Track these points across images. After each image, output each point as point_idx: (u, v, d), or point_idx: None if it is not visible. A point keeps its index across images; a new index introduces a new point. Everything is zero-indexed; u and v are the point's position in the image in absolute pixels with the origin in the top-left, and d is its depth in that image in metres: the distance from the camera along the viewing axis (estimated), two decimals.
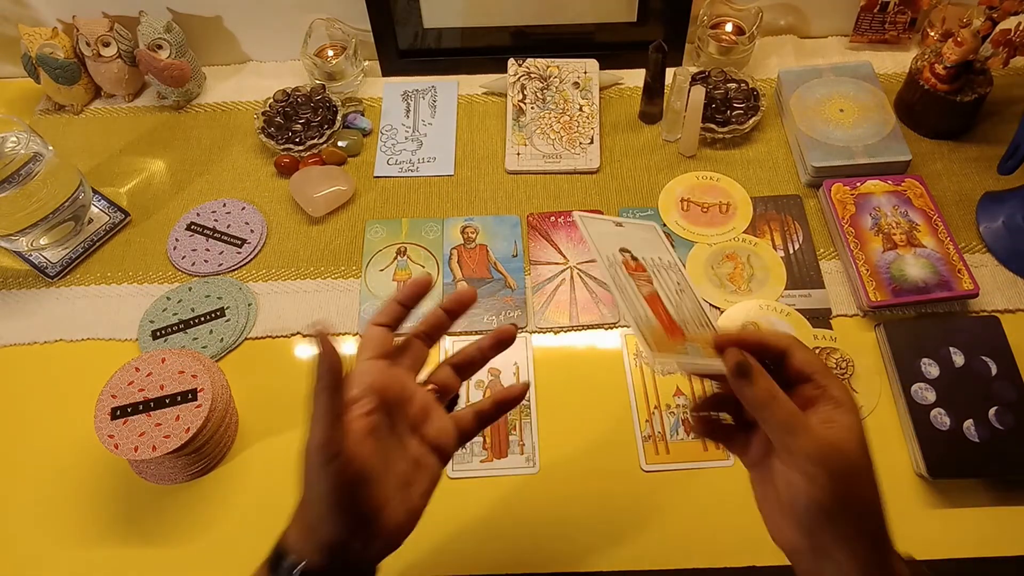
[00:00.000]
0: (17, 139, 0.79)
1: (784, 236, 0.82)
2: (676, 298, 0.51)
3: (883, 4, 0.93)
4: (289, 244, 0.85)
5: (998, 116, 0.90)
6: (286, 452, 0.71)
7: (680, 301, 0.51)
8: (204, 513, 0.68)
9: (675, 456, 0.69)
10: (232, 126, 0.96)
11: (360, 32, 0.97)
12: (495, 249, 0.83)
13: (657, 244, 0.54)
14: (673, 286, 0.52)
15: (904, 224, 0.79)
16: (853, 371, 0.72)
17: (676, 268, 0.53)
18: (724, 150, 0.90)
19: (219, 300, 0.80)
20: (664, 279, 0.52)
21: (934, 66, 0.85)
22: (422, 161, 0.91)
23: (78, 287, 0.83)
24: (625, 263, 0.51)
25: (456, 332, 0.77)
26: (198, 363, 0.68)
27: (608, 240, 0.52)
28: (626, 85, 0.97)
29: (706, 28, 0.95)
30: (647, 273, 0.51)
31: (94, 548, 0.67)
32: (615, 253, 0.51)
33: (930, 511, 0.66)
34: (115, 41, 0.93)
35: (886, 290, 0.75)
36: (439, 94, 0.98)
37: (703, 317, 0.51)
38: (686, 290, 0.52)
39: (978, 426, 0.66)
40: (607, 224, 0.54)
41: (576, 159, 0.89)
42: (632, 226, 0.54)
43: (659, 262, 0.52)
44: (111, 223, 0.87)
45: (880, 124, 0.86)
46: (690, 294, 0.52)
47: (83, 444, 0.70)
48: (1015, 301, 0.77)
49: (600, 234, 0.52)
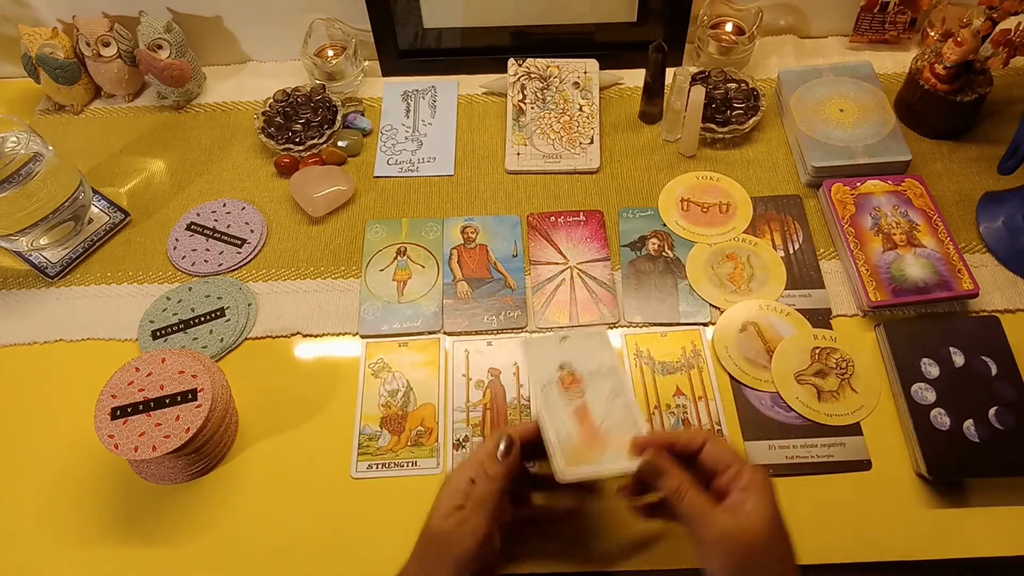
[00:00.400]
0: (17, 139, 0.79)
1: (784, 236, 0.82)
2: (606, 406, 0.57)
3: (883, 4, 0.93)
4: (289, 244, 0.85)
5: (998, 116, 0.90)
6: (286, 452, 0.71)
7: (610, 407, 0.57)
8: (204, 513, 0.68)
9: None
10: (232, 126, 0.96)
11: (360, 32, 0.97)
12: (495, 249, 0.83)
13: (602, 350, 0.60)
14: (607, 393, 0.58)
15: (904, 224, 0.79)
16: (853, 371, 0.72)
17: (614, 372, 0.59)
18: (724, 150, 0.90)
19: (219, 300, 0.80)
20: (599, 387, 0.58)
21: (934, 66, 0.85)
22: (422, 161, 0.91)
23: (78, 287, 0.83)
24: (561, 380, 0.58)
25: (456, 332, 0.77)
26: (198, 363, 0.68)
27: (548, 359, 0.59)
28: (626, 85, 0.97)
29: (706, 28, 0.95)
30: (580, 386, 0.58)
31: (94, 548, 0.67)
32: (552, 373, 0.59)
33: (930, 511, 0.66)
34: (115, 41, 0.93)
35: (886, 290, 0.75)
36: (439, 94, 0.98)
37: (632, 418, 0.57)
38: (621, 393, 0.58)
39: (978, 426, 0.66)
40: (550, 343, 0.60)
41: (576, 159, 0.89)
42: (578, 337, 0.61)
43: (598, 369, 0.59)
44: (111, 223, 0.87)
45: (880, 124, 0.86)
46: (624, 397, 0.58)
47: (83, 444, 0.70)
48: (1015, 301, 0.77)
49: (540, 359, 0.59)
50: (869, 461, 0.68)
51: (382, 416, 0.72)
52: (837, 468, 0.68)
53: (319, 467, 0.70)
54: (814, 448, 0.69)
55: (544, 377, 0.58)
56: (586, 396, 0.57)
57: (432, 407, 0.73)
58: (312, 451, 0.71)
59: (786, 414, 0.71)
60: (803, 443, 0.69)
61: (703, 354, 0.75)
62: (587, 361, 0.59)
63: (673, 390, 0.73)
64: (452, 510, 0.53)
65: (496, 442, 0.55)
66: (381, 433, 0.71)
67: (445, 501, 0.54)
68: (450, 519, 0.52)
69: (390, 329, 0.78)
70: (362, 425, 0.72)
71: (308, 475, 0.70)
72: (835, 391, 0.71)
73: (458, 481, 0.54)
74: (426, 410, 0.73)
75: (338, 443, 0.71)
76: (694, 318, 0.77)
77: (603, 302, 0.79)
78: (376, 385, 0.74)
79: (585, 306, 0.78)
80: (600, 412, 0.57)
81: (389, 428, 0.72)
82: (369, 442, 0.71)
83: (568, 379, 0.58)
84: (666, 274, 0.80)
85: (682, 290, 0.79)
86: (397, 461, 0.70)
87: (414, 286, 0.81)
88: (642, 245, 0.83)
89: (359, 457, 0.70)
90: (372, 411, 0.73)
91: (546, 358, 0.59)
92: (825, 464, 0.68)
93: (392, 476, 0.69)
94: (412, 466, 0.70)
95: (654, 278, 0.80)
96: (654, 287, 0.79)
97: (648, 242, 0.83)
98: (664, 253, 0.82)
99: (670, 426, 0.71)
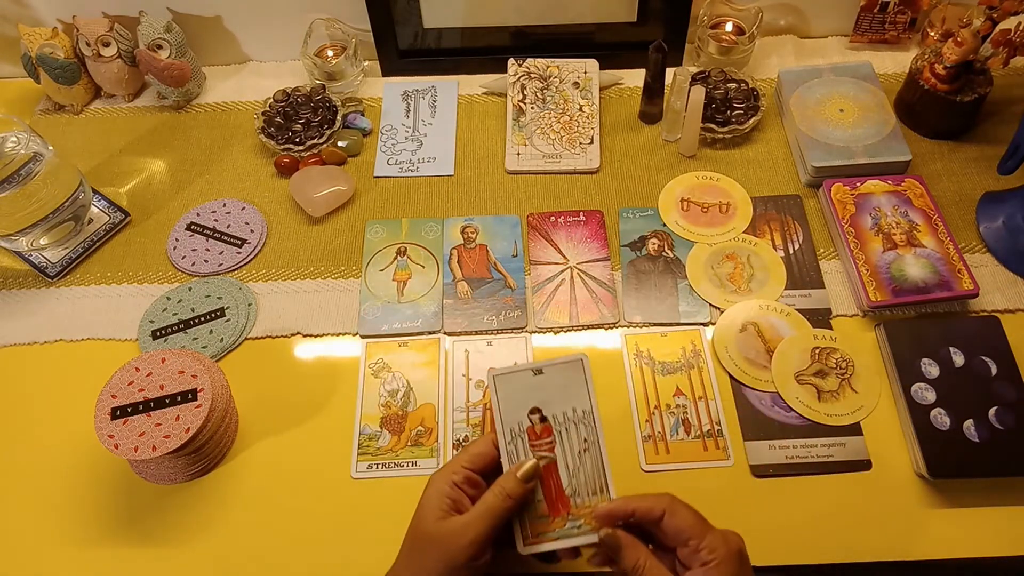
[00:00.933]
0: (17, 139, 0.79)
1: (784, 236, 0.82)
2: (576, 461, 0.54)
3: (883, 4, 0.93)
4: (289, 244, 0.85)
5: (998, 116, 0.90)
6: (286, 452, 0.71)
7: (580, 463, 0.54)
8: (204, 513, 0.68)
9: (675, 456, 0.69)
10: (232, 126, 0.96)
11: (360, 32, 0.97)
12: (495, 249, 0.83)
13: (577, 387, 0.55)
14: (578, 445, 0.55)
15: (904, 224, 0.79)
16: (853, 371, 0.72)
17: (589, 418, 0.55)
18: (724, 150, 0.90)
19: (219, 300, 0.80)
20: (570, 438, 0.55)
21: (934, 66, 0.85)
22: (422, 161, 0.91)
23: (78, 287, 0.83)
24: (530, 431, 0.55)
25: (456, 332, 0.77)
26: (198, 363, 0.68)
27: (519, 400, 0.55)
28: (626, 85, 0.97)
29: (706, 28, 0.95)
30: (551, 438, 0.54)
31: (94, 548, 0.67)
32: (522, 420, 0.55)
33: (930, 511, 0.66)
34: (115, 41, 0.93)
35: (886, 290, 0.75)
36: (439, 94, 0.98)
37: (600, 479, 0.54)
38: (591, 447, 0.55)
39: (978, 426, 0.66)
40: (523, 376, 0.56)
41: (576, 159, 0.89)
42: (553, 369, 0.56)
43: (572, 415, 0.55)
44: (111, 223, 0.87)
45: (880, 124, 0.86)
46: (595, 451, 0.55)
47: (83, 444, 0.70)
48: (1015, 301, 0.77)
49: (511, 395, 0.55)
50: (869, 461, 0.68)
51: (382, 416, 0.72)
52: (837, 468, 0.68)
53: (319, 467, 0.70)
54: (814, 448, 0.69)
55: (513, 421, 0.55)
56: (556, 451, 0.54)
57: (432, 407, 0.73)
58: (312, 451, 0.71)
59: (786, 414, 0.71)
60: (803, 443, 0.69)
61: (703, 354, 0.75)
62: (561, 401, 0.55)
63: (673, 390, 0.73)
64: (445, 512, 0.52)
65: (526, 468, 0.54)
66: (381, 433, 0.71)
67: (433, 503, 0.53)
68: (452, 522, 0.52)
69: (390, 329, 0.78)
70: (362, 425, 0.72)
71: (308, 475, 0.70)
72: (835, 391, 0.71)
73: (442, 482, 0.54)
74: (426, 410, 0.73)
75: (338, 443, 0.71)
76: (694, 318, 0.77)
77: (603, 302, 0.79)
78: (376, 385, 0.74)
79: (585, 306, 0.78)
80: (568, 471, 0.54)
81: (389, 428, 0.72)
82: (369, 442, 0.71)
83: (539, 427, 0.55)
84: (666, 274, 0.80)
85: (682, 290, 0.79)
86: (397, 461, 0.70)
87: (414, 286, 0.81)
88: (642, 245, 0.83)
89: (359, 457, 0.70)
90: (372, 411, 0.73)
91: (518, 396, 0.55)
92: (825, 464, 0.68)
93: (392, 476, 0.69)
94: (412, 466, 0.70)
95: (654, 278, 0.80)
96: (654, 287, 0.79)
97: (648, 242, 0.83)
98: (664, 253, 0.82)
99: (670, 426, 0.71)
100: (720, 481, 0.68)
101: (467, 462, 0.55)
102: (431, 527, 0.53)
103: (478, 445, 0.56)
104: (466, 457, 0.55)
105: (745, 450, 0.69)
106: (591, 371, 0.56)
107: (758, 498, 0.67)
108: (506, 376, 0.56)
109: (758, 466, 0.68)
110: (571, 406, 0.55)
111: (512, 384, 0.56)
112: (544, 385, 0.55)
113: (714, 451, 0.69)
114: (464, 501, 0.54)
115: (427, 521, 0.53)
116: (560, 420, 0.55)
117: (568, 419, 0.55)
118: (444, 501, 0.53)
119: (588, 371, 0.56)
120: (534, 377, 0.56)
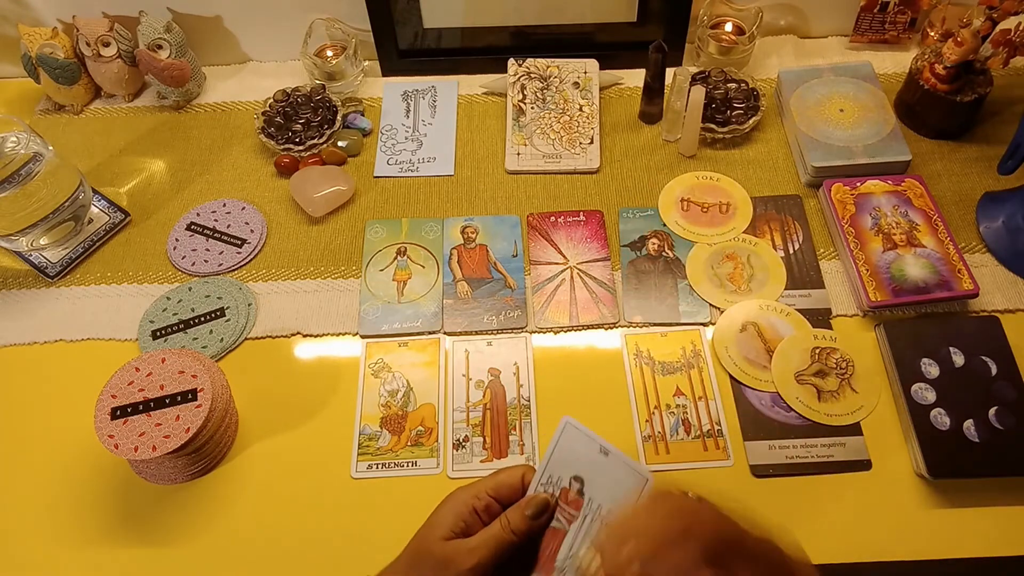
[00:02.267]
0: (17, 139, 0.79)
1: (784, 236, 0.82)
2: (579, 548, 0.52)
3: (883, 4, 0.93)
4: (289, 244, 0.85)
5: (998, 116, 0.90)
6: (286, 452, 0.71)
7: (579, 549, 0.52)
8: (204, 513, 0.68)
9: (675, 456, 0.69)
10: (232, 126, 0.96)
11: (360, 32, 0.97)
12: (495, 249, 0.83)
13: (619, 492, 0.53)
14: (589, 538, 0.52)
15: (904, 224, 0.79)
16: (853, 371, 0.72)
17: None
18: (724, 150, 0.90)
19: (219, 300, 0.80)
20: (589, 527, 0.53)
21: (934, 66, 0.85)
22: (422, 161, 0.91)
23: (78, 287, 0.83)
24: (564, 491, 0.53)
25: (456, 332, 0.77)
26: (198, 363, 0.68)
27: (573, 461, 0.53)
28: (626, 85, 0.97)
29: (706, 28, 0.95)
30: (577, 513, 0.53)
31: (94, 548, 0.67)
32: (564, 478, 0.53)
33: (930, 511, 0.66)
34: (115, 41, 0.93)
35: (886, 290, 0.75)
36: (439, 94, 0.98)
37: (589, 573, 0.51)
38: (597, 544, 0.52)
39: (978, 426, 0.66)
40: (590, 444, 0.54)
41: (576, 159, 0.89)
42: (619, 462, 0.53)
43: (602, 511, 0.53)
44: (111, 223, 0.87)
45: (880, 124, 0.86)
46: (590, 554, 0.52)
47: (83, 444, 0.70)
48: (1015, 301, 0.77)
49: (569, 451, 0.53)
50: (869, 461, 0.68)
51: (382, 416, 0.72)
52: (837, 468, 0.68)
53: (319, 467, 0.70)
54: (814, 448, 0.69)
55: (556, 473, 0.53)
56: (572, 526, 0.53)
57: (432, 407, 0.73)
58: (312, 451, 0.71)
59: (786, 414, 0.71)
60: (803, 443, 0.69)
61: (703, 354, 0.75)
62: (603, 492, 0.53)
63: (673, 390, 0.73)
64: (455, 534, 0.52)
65: (535, 506, 0.53)
66: (381, 433, 0.71)
67: (447, 520, 0.52)
68: (457, 545, 0.51)
69: (390, 329, 0.78)
70: (362, 425, 0.72)
71: (308, 475, 0.70)
72: (835, 391, 0.71)
73: (462, 504, 0.53)
74: (426, 410, 0.73)
75: (338, 443, 0.71)
76: (694, 318, 0.77)
77: (603, 302, 0.79)
78: (376, 385, 0.74)
79: (585, 306, 0.78)
80: (568, 550, 0.53)
81: (389, 428, 0.72)
82: (369, 442, 0.71)
83: (572, 497, 0.53)
84: (666, 274, 0.80)
85: (682, 290, 0.79)
86: (397, 461, 0.70)
87: (414, 286, 0.81)
88: (642, 245, 0.83)
89: (359, 457, 0.70)
90: (372, 411, 0.73)
91: (574, 457, 0.53)
92: (825, 464, 0.68)
93: (392, 476, 0.69)
94: (412, 466, 0.70)
95: (654, 278, 0.80)
96: (654, 287, 0.79)
97: (648, 242, 0.83)
98: (664, 253, 0.82)
99: (670, 426, 0.71)
100: (720, 481, 0.68)
101: (492, 490, 0.54)
102: (436, 546, 0.51)
103: (508, 475, 0.54)
104: (492, 484, 0.54)
105: (745, 450, 0.69)
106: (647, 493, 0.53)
107: (758, 498, 0.67)
108: (576, 433, 0.54)
109: (758, 466, 0.68)
110: (608, 502, 0.53)
111: (576, 443, 0.54)
112: (601, 468, 0.54)
113: (714, 451, 0.69)
114: (476, 527, 0.53)
115: (434, 537, 0.52)
116: (592, 507, 0.53)
117: (597, 512, 0.53)
118: (458, 523, 0.52)
119: (645, 492, 0.53)
120: (598, 454, 0.54)
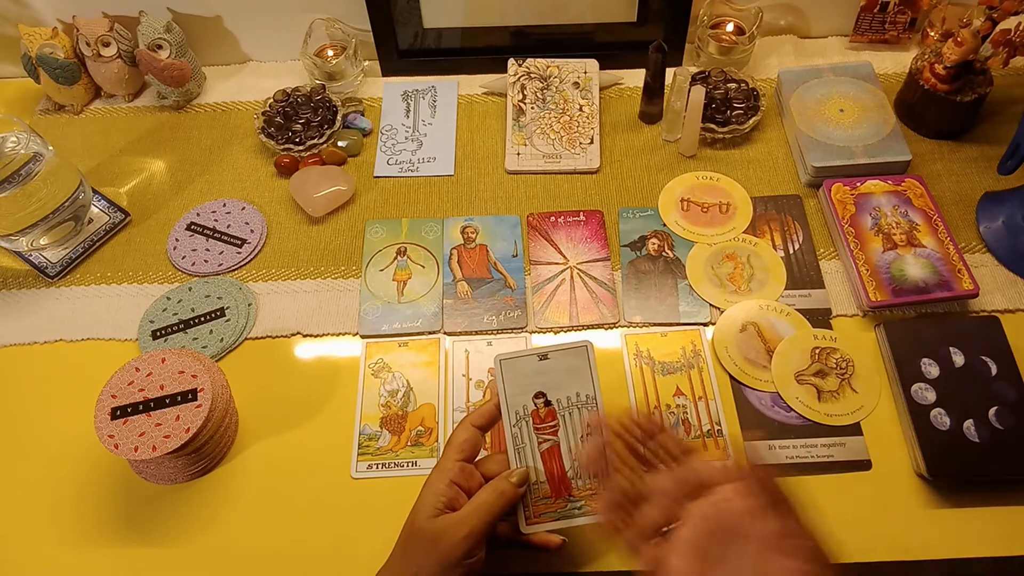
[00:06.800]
0: (17, 139, 0.79)
1: (784, 236, 0.82)
2: (578, 445, 0.56)
3: (883, 4, 0.93)
4: (289, 244, 0.85)
5: (998, 116, 0.90)
6: (286, 452, 0.71)
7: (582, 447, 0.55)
8: (204, 513, 0.68)
9: None
10: (232, 126, 0.96)
11: (360, 32, 0.97)
12: (495, 249, 0.83)
13: (582, 373, 0.57)
14: (581, 429, 0.56)
15: (904, 224, 0.79)
16: (853, 371, 0.72)
17: (592, 403, 0.56)
18: (724, 150, 0.90)
19: (219, 300, 0.80)
20: (573, 422, 0.56)
21: (934, 66, 0.85)
22: (422, 161, 0.91)
23: (78, 287, 0.83)
24: (534, 414, 0.56)
25: (456, 332, 0.77)
26: (198, 363, 0.68)
27: (525, 384, 0.56)
28: (626, 85, 0.97)
29: (706, 28, 0.95)
30: (555, 422, 0.56)
31: (94, 548, 0.67)
32: (527, 403, 0.56)
33: (930, 511, 0.66)
34: (115, 41, 0.93)
35: (886, 290, 0.75)
36: (439, 94, 0.98)
37: (601, 462, 0.54)
38: (594, 430, 0.55)
39: (978, 426, 0.66)
40: (529, 361, 0.57)
41: (576, 159, 0.89)
42: (559, 354, 0.57)
43: (576, 399, 0.56)
44: (111, 223, 0.87)
45: (880, 124, 0.86)
46: (597, 435, 0.55)
47: (83, 444, 0.70)
48: (1015, 301, 0.77)
49: (517, 379, 0.56)
50: (869, 461, 0.68)
51: (382, 416, 0.72)
52: (837, 468, 0.68)
53: (319, 467, 0.70)
54: (814, 448, 0.69)
55: (518, 405, 0.56)
56: (559, 434, 0.56)
57: (432, 407, 0.73)
58: (312, 451, 0.71)
59: (786, 414, 0.71)
60: (803, 443, 0.69)
61: (703, 354, 0.75)
62: (566, 386, 0.56)
63: (673, 390, 0.73)
64: (439, 510, 0.53)
65: (518, 475, 0.55)
66: (381, 433, 0.72)
67: (428, 500, 0.54)
68: (445, 519, 0.53)
69: (390, 329, 0.78)
70: (362, 425, 0.72)
71: (308, 475, 0.70)
72: (835, 391, 0.71)
73: (436, 480, 0.55)
74: (426, 410, 0.73)
75: (338, 443, 0.71)
76: (694, 318, 0.77)
77: (603, 302, 0.79)
78: (376, 385, 0.74)
79: (585, 306, 0.78)
80: (571, 454, 0.56)
81: (389, 428, 0.72)
82: (369, 442, 0.71)
83: (543, 413, 0.56)
84: (666, 274, 0.80)
85: (682, 290, 0.79)
86: (397, 461, 0.70)
87: (414, 286, 0.81)
88: (642, 245, 0.83)
89: (359, 457, 0.70)
90: (372, 411, 0.73)
91: (523, 381, 0.56)
92: (825, 464, 0.68)
93: (392, 476, 0.69)
94: (412, 466, 0.70)
95: (654, 278, 0.80)
96: (654, 287, 0.79)
97: (648, 242, 0.83)
98: (664, 253, 0.82)
99: (670, 426, 0.71)
100: None
101: (456, 454, 0.56)
102: (425, 524, 0.53)
103: (458, 433, 0.57)
104: (453, 449, 0.56)
105: (745, 450, 0.69)
106: (595, 357, 0.57)
107: None
108: (512, 361, 0.57)
109: None
110: (575, 391, 0.56)
111: (518, 369, 0.57)
112: (549, 370, 0.57)
113: (714, 451, 0.69)
114: (459, 499, 0.54)
115: (421, 519, 0.53)
116: (564, 404, 0.56)
117: (572, 403, 0.56)
118: (439, 499, 0.54)
119: (592, 357, 0.57)
120: (540, 362, 0.57)
